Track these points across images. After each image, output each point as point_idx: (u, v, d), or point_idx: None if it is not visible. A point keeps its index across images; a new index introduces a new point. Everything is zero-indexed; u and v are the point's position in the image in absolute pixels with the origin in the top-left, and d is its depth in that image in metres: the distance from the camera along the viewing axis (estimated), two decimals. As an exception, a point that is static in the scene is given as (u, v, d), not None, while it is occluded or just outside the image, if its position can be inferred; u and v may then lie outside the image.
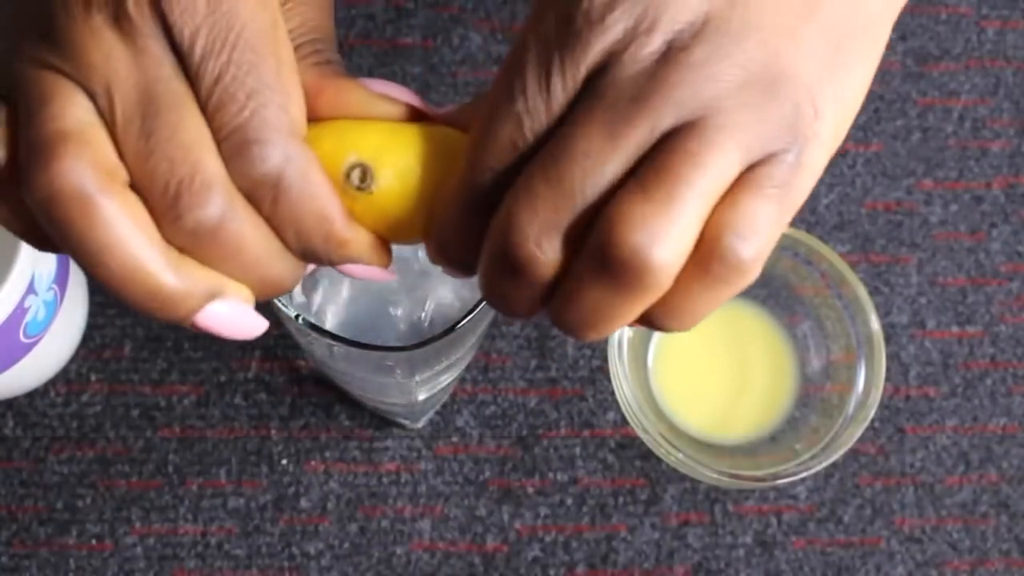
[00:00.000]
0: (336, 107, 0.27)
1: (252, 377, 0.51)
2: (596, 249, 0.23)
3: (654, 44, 0.23)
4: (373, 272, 0.28)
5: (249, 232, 0.25)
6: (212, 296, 0.25)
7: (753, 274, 0.24)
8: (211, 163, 0.24)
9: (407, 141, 0.27)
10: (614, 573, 0.49)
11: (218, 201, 0.24)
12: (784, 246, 0.49)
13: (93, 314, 0.51)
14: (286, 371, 0.51)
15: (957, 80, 0.57)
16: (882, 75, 0.57)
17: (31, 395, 0.50)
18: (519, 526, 0.50)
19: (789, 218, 0.25)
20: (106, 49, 0.24)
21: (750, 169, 0.24)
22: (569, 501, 0.50)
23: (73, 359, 0.51)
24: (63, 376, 0.51)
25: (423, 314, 0.40)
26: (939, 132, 0.56)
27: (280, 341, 0.51)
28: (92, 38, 0.24)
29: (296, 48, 0.26)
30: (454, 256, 0.26)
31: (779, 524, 0.50)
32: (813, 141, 0.25)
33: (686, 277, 0.24)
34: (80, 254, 0.24)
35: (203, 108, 0.24)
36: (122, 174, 0.24)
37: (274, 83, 0.24)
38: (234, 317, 0.26)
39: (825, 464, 0.47)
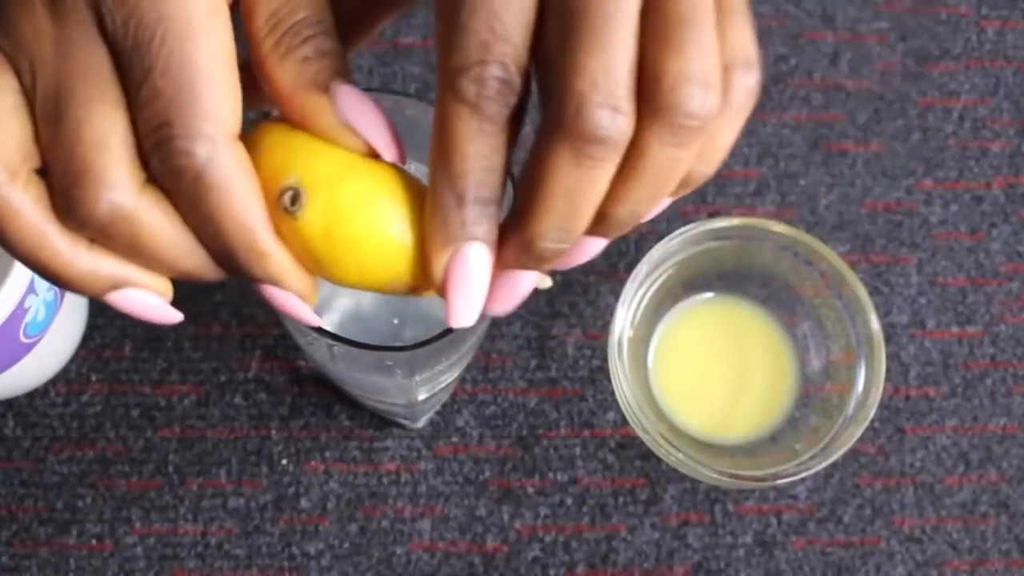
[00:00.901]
0: (300, 122, 0.26)
1: (252, 377, 0.51)
2: (658, 108, 0.23)
3: None
4: (295, 306, 0.27)
5: (153, 230, 0.24)
6: (116, 285, 0.26)
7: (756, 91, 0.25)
8: (111, 159, 0.24)
9: (358, 179, 0.26)
10: (614, 573, 0.49)
11: (109, 198, 0.24)
12: (784, 246, 0.49)
13: (93, 314, 0.51)
14: (286, 371, 0.51)
15: (957, 80, 0.57)
16: (882, 75, 0.57)
17: (31, 395, 0.50)
18: (519, 526, 0.50)
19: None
20: (37, 29, 0.24)
21: None
22: (569, 501, 0.50)
23: (73, 359, 0.51)
24: (63, 376, 0.51)
25: (423, 314, 0.40)
26: (939, 132, 0.56)
27: (280, 341, 0.51)
28: (26, 16, 0.24)
29: (280, 36, 0.25)
30: (484, 191, 0.25)
31: (779, 524, 0.50)
32: None
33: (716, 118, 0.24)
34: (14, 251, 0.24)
35: (132, 100, 0.24)
36: (33, 160, 0.24)
37: (204, 79, 0.23)
38: (142, 306, 0.27)
39: (825, 464, 0.47)
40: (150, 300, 0.27)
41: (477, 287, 0.26)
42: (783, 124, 0.56)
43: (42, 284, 0.44)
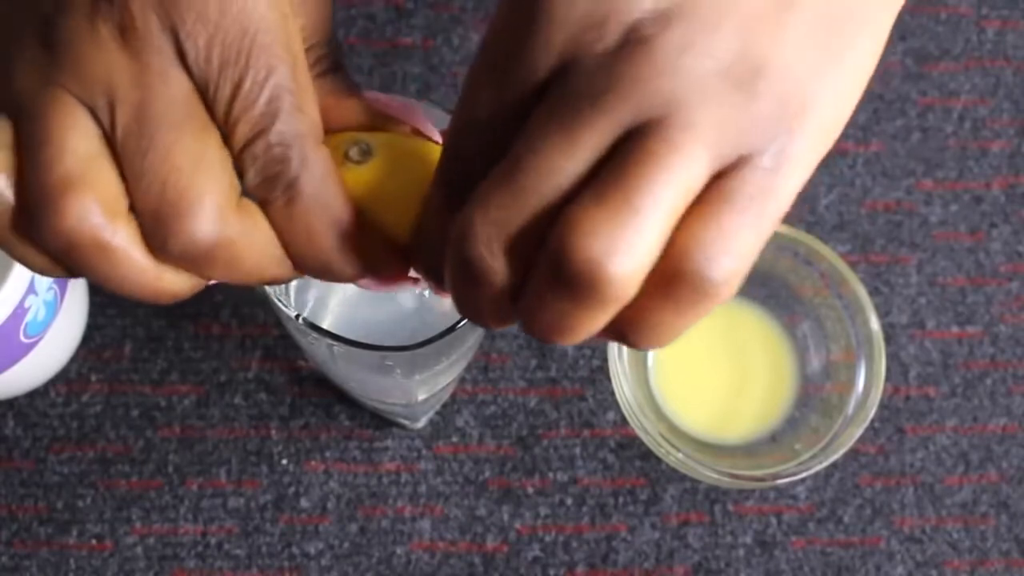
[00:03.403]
0: (340, 125, 0.27)
1: (252, 377, 0.51)
2: (549, 258, 0.21)
3: (611, 36, 0.21)
4: (391, 283, 0.27)
5: (249, 249, 0.24)
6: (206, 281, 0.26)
7: (726, 295, 0.22)
8: (207, 185, 0.23)
9: (408, 144, 0.27)
10: (614, 573, 0.49)
11: (205, 228, 0.23)
12: (784, 246, 0.49)
13: (93, 314, 0.51)
14: (286, 371, 0.51)
15: (957, 80, 0.57)
16: (882, 75, 0.57)
17: (31, 395, 0.50)
18: (519, 526, 0.50)
19: (770, 228, 0.23)
20: (110, 63, 0.23)
21: (723, 175, 0.22)
22: (569, 501, 0.50)
23: (73, 359, 0.51)
24: (63, 376, 0.51)
25: (423, 314, 0.40)
26: (939, 132, 0.56)
27: (280, 341, 0.51)
28: (96, 50, 0.23)
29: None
30: (429, 262, 0.25)
31: (779, 524, 0.50)
32: (798, 139, 0.22)
33: (651, 295, 0.22)
34: (95, 281, 0.24)
35: (222, 117, 0.24)
36: (124, 201, 0.24)
37: (291, 85, 0.24)
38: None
39: (825, 464, 0.47)
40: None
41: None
42: (783, 124, 0.56)
43: (42, 284, 0.44)
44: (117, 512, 0.49)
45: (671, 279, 0.22)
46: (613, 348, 0.47)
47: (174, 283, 0.25)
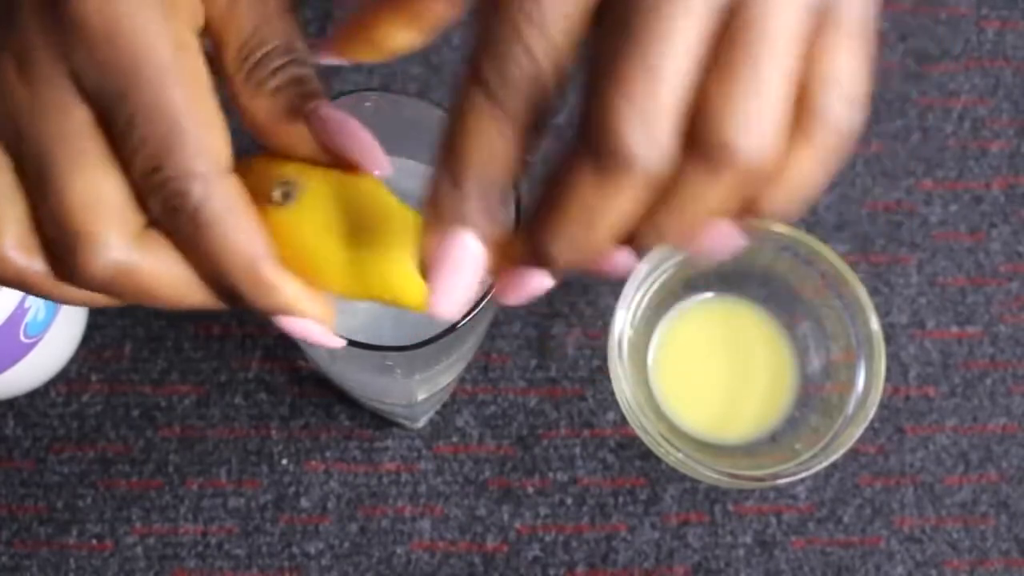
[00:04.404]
0: (283, 152, 0.26)
1: (252, 377, 0.51)
2: (703, 146, 0.21)
3: None
4: (314, 332, 0.26)
5: (156, 277, 0.24)
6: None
7: (856, 126, 0.23)
8: (101, 219, 0.23)
9: (347, 181, 0.26)
10: (614, 573, 0.49)
11: (104, 259, 0.23)
12: (784, 246, 0.49)
13: (93, 314, 0.51)
14: (286, 371, 0.51)
15: (957, 80, 0.57)
16: (882, 75, 0.57)
17: (31, 395, 0.50)
18: (519, 526, 0.50)
19: (867, 50, 0.23)
20: (13, 99, 0.23)
21: (820, 18, 0.22)
22: (569, 501, 0.50)
23: (73, 359, 0.51)
24: (63, 376, 0.51)
25: (423, 314, 0.39)
26: (939, 132, 0.56)
27: (280, 341, 0.51)
28: (1, 88, 0.23)
29: (250, 70, 0.25)
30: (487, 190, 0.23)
31: (779, 524, 0.50)
32: None
33: (795, 152, 0.22)
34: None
35: (121, 150, 0.23)
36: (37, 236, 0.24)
37: (187, 118, 0.23)
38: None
39: (825, 464, 0.47)
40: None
41: (463, 277, 0.24)
42: (783, 124, 0.56)
43: (42, 284, 0.44)
44: (117, 512, 0.49)
45: (810, 129, 0.22)
46: (613, 348, 0.47)
47: (107, 299, 0.25)
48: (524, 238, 0.24)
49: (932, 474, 0.51)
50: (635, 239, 0.24)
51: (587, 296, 0.53)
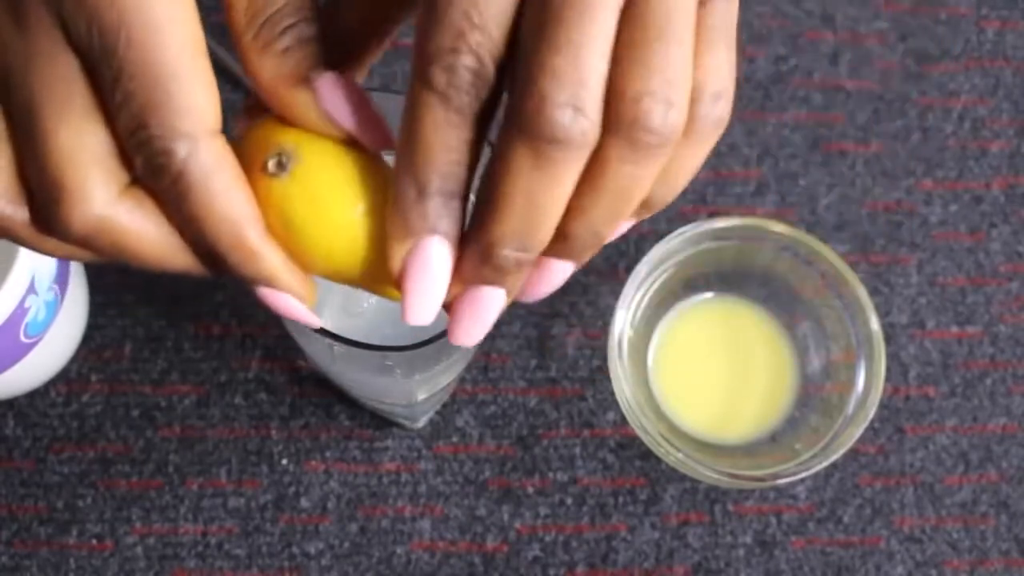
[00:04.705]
0: (284, 116, 0.25)
1: (252, 377, 0.51)
2: (621, 119, 0.22)
3: None
4: (293, 308, 0.26)
5: (136, 235, 0.24)
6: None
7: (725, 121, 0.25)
8: (83, 171, 0.23)
9: (344, 156, 0.25)
10: (614, 573, 0.49)
11: (82, 212, 0.23)
12: (784, 246, 0.49)
13: (93, 314, 0.51)
14: (286, 371, 0.51)
15: (957, 80, 0.57)
16: (882, 75, 0.57)
17: (31, 395, 0.50)
18: (519, 526, 0.50)
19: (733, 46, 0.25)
20: (4, 44, 0.23)
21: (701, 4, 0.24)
22: (569, 501, 0.50)
23: (73, 359, 0.51)
24: (63, 376, 0.51)
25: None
26: (939, 132, 0.56)
27: (280, 341, 0.51)
28: None
29: (259, 29, 0.25)
30: (442, 184, 0.24)
31: (779, 524, 0.50)
32: None
33: (679, 145, 0.24)
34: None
35: (108, 103, 0.23)
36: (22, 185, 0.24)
37: (175, 75, 0.23)
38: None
39: (825, 464, 0.47)
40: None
41: (435, 283, 0.25)
42: (783, 124, 0.56)
43: (42, 284, 0.44)
44: (117, 512, 0.49)
45: (691, 120, 0.24)
46: (613, 348, 0.47)
47: (87, 254, 0.25)
48: (472, 246, 0.24)
49: (932, 474, 0.51)
50: (567, 240, 0.25)
51: (587, 296, 0.53)
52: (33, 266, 0.43)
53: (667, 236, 0.49)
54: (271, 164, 0.25)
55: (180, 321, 0.52)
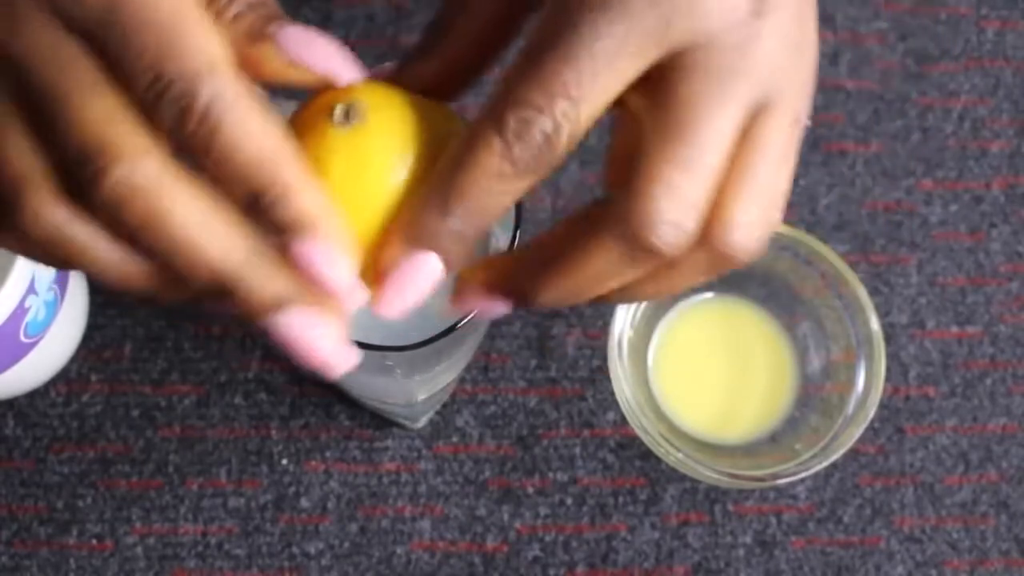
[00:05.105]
0: (255, 74, 0.25)
1: (252, 377, 0.51)
2: (713, 243, 0.24)
3: (743, 10, 0.24)
4: (335, 263, 0.24)
5: (169, 202, 0.23)
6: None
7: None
8: (123, 130, 0.23)
9: (409, 133, 0.25)
10: (614, 573, 0.49)
11: (120, 171, 0.22)
12: (784, 246, 0.49)
13: (93, 314, 0.51)
14: (286, 371, 0.51)
15: (957, 80, 0.57)
16: (882, 75, 0.57)
17: (31, 395, 0.50)
18: (519, 526, 0.50)
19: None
20: (9, 54, 0.23)
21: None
22: (569, 501, 0.50)
23: (73, 359, 0.51)
24: (63, 376, 0.51)
25: (423, 314, 0.39)
26: (939, 132, 0.56)
27: (280, 341, 0.51)
28: None
29: (209, 2, 0.25)
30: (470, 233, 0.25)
31: (779, 524, 0.50)
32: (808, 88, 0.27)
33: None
34: (84, 272, 0.24)
35: (120, 74, 0.23)
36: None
37: (181, 20, 0.23)
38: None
39: (825, 464, 0.47)
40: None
41: (415, 292, 0.25)
42: (783, 124, 0.56)
43: (42, 284, 0.44)
44: (117, 512, 0.49)
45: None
46: (613, 348, 0.47)
47: (143, 269, 0.24)
48: (511, 275, 0.26)
49: (932, 474, 0.51)
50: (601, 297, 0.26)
51: (587, 296, 0.53)
52: (33, 266, 0.43)
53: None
54: (339, 111, 0.25)
55: (180, 321, 0.52)
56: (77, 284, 0.49)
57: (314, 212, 0.23)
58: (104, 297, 0.51)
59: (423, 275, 0.25)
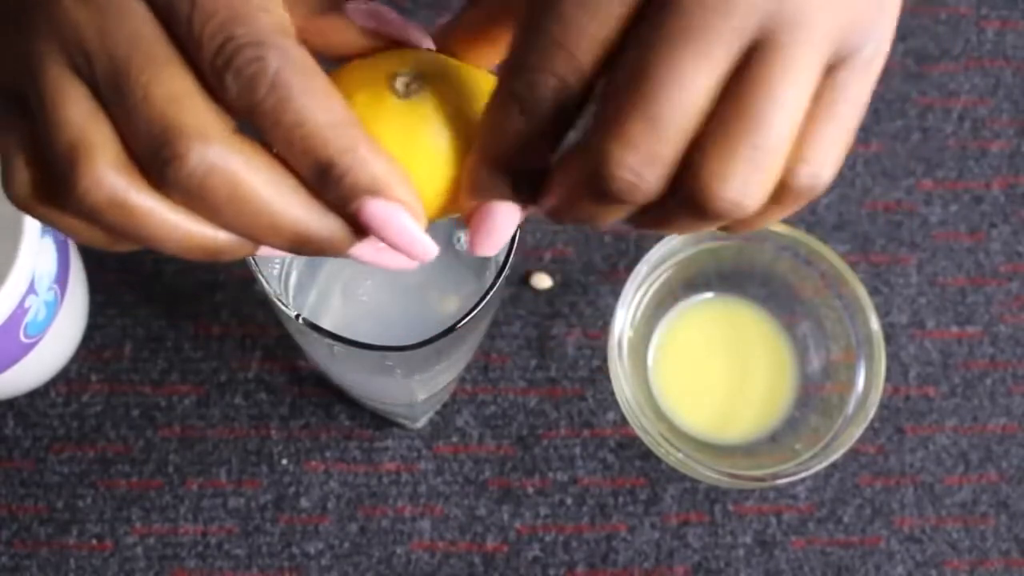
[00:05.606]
0: (325, 47, 0.26)
1: (252, 377, 0.51)
2: (690, 199, 0.23)
3: None
4: (406, 227, 0.24)
5: (248, 176, 0.23)
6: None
7: (821, 195, 0.25)
8: (193, 110, 0.23)
9: (469, 79, 0.27)
10: (614, 573, 0.49)
11: (202, 149, 0.23)
12: (784, 246, 0.49)
13: (93, 314, 0.51)
14: (286, 371, 0.51)
15: (957, 80, 0.57)
16: (882, 75, 0.56)
17: (31, 395, 0.50)
18: (519, 526, 0.50)
19: (858, 123, 0.25)
20: (74, 21, 0.23)
21: (827, 76, 0.23)
22: (569, 501, 0.50)
23: (73, 359, 0.51)
24: (63, 376, 0.51)
25: (423, 313, 0.40)
26: (939, 132, 0.56)
27: (280, 341, 0.51)
28: (59, 8, 0.23)
29: None
30: (509, 168, 0.25)
31: (779, 524, 0.50)
32: (887, 34, 0.25)
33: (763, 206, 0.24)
34: (143, 245, 0.24)
35: (188, 38, 0.23)
36: (127, 155, 0.24)
37: None
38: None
39: (825, 464, 0.47)
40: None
41: (499, 231, 0.26)
42: (783, 124, 0.56)
43: (42, 284, 0.44)
44: (117, 512, 0.49)
45: (782, 194, 0.24)
46: (613, 348, 0.47)
47: (207, 233, 0.24)
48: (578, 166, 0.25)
49: (932, 474, 0.51)
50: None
51: (587, 296, 0.53)
52: (33, 266, 0.43)
53: (667, 236, 0.49)
54: (401, 81, 0.25)
55: (180, 321, 0.52)
56: (77, 284, 0.49)
57: (382, 176, 0.24)
58: (104, 297, 0.51)
59: (499, 219, 0.26)
